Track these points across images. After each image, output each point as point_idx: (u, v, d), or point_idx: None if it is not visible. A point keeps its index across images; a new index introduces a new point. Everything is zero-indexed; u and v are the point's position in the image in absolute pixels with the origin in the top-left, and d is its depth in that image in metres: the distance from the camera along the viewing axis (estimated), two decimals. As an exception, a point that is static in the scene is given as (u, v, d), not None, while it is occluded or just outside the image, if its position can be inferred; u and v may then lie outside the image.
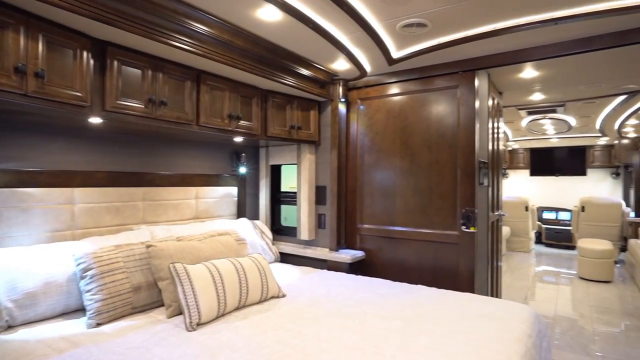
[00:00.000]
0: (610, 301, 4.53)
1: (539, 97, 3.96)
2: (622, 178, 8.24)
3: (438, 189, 2.85)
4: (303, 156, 3.23)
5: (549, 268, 6.26)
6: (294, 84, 2.74)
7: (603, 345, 3.29)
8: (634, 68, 2.89)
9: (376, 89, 3.13)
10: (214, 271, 1.96)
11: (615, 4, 1.92)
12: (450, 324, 1.83)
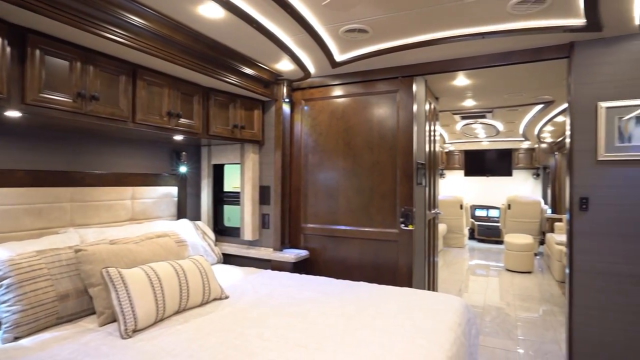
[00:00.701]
0: (531, 290, 5.00)
1: (471, 103, 4.27)
2: (542, 178, 9.13)
3: (379, 189, 2.97)
4: (247, 156, 3.20)
5: (480, 262, 6.76)
6: (237, 82, 2.71)
7: (524, 330, 3.63)
8: (548, 81, 3.23)
9: (320, 91, 3.19)
10: (151, 275, 1.88)
11: (530, 24, 2.13)
12: (388, 318, 1.92)
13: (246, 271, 2.91)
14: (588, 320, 2.29)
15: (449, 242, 7.98)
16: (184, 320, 1.88)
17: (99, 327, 1.79)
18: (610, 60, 2.23)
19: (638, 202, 2.17)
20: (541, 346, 3.30)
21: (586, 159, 2.29)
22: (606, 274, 2.24)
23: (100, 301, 1.84)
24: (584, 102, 2.30)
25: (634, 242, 2.18)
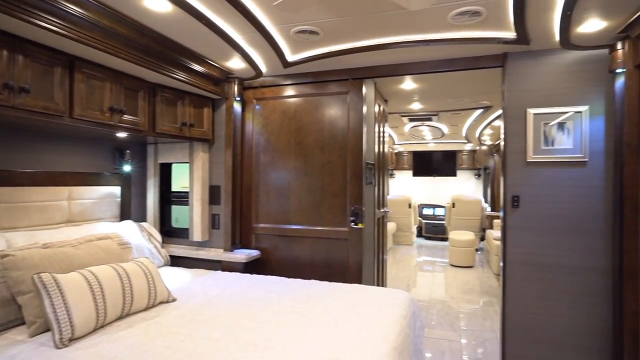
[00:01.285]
0: (472, 283, 5.33)
1: (418, 106, 4.48)
2: (482, 178, 9.75)
3: (330, 188, 3.02)
4: (196, 155, 3.12)
5: (427, 258, 7.09)
6: (186, 79, 2.63)
7: (466, 321, 3.87)
8: (487, 87, 3.47)
9: (272, 90, 3.19)
10: (91, 279, 1.78)
11: (469, 34, 2.28)
12: (338, 314, 1.97)
13: (195, 273, 2.84)
14: (517, 307, 2.49)
15: (398, 240, 8.28)
16: (127, 326, 1.80)
17: (30, 337, 1.67)
18: (537, 71, 2.45)
19: (557, 200, 2.40)
20: (480, 334, 3.54)
21: (517, 160, 2.50)
22: (531, 264, 2.46)
23: (30, 310, 1.71)
24: (516, 108, 2.50)
25: (553, 235, 2.41)
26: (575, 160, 2.36)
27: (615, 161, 2.23)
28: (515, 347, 2.49)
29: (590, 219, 2.35)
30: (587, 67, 2.34)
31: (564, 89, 2.39)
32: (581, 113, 2.34)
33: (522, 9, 1.91)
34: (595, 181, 2.33)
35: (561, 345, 2.40)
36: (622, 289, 2.14)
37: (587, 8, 1.85)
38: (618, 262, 2.19)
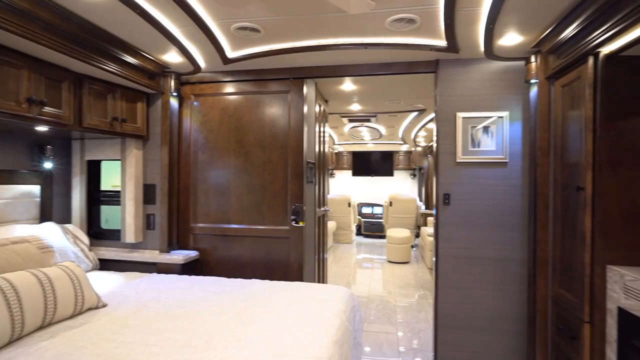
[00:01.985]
0: (408, 278, 5.61)
1: (357, 107, 4.62)
2: (417, 178, 10.30)
3: (271, 187, 3.01)
4: (129, 151, 2.94)
5: (366, 255, 7.33)
6: (117, 71, 2.47)
7: (402, 314, 4.07)
8: (421, 91, 3.68)
9: (211, 86, 3.10)
10: (5, 287, 1.60)
11: (405, 40, 2.41)
12: (279, 311, 1.98)
13: (128, 276, 2.67)
14: (447, 298, 2.68)
15: (338, 239, 8.45)
16: (50, 336, 1.65)
17: None
18: (465, 78, 2.65)
19: (482, 197, 2.62)
20: (416, 326, 3.74)
21: (448, 161, 2.69)
22: (460, 257, 2.66)
23: None
24: (447, 111, 2.69)
25: (478, 230, 2.63)
26: (498, 161, 2.60)
27: (530, 162, 2.49)
28: (446, 335, 2.68)
29: (510, 214, 2.59)
30: (508, 77, 2.59)
31: (489, 95, 2.62)
32: (503, 118, 2.58)
33: (452, 19, 2.06)
34: (515, 180, 2.58)
35: (485, 330, 2.62)
36: (535, 276, 2.40)
37: (506, 23, 2.04)
38: (532, 253, 2.45)
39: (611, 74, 1.84)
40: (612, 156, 1.84)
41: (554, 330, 2.26)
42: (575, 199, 2.02)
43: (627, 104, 1.84)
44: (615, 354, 1.74)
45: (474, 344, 2.63)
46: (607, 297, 1.80)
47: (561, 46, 2.10)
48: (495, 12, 1.91)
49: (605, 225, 1.83)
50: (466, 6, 1.91)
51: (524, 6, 1.85)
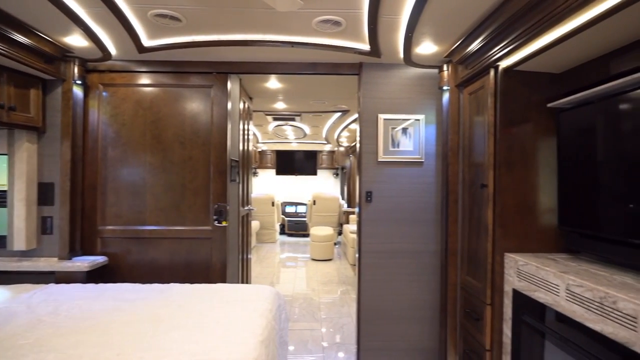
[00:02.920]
0: (332, 275, 5.75)
1: (282, 105, 4.59)
2: (340, 177, 10.63)
3: (191, 186, 2.85)
4: (18, 145, 2.55)
5: (290, 254, 7.34)
6: (4, 51, 2.12)
7: (326, 310, 4.15)
8: (345, 93, 3.79)
9: (123, 76, 2.83)
10: None
11: (331, 41, 2.45)
12: (203, 315, 1.87)
13: (17, 289, 2.30)
14: (369, 291, 2.80)
15: (261, 238, 8.35)
16: None
17: None
18: (387, 82, 2.79)
19: (401, 195, 2.79)
20: (339, 321, 3.84)
21: (371, 160, 2.80)
22: (381, 252, 2.80)
23: None
24: (369, 113, 2.80)
25: (398, 225, 2.79)
26: (415, 160, 2.78)
27: (443, 162, 2.71)
28: (368, 327, 2.79)
29: (426, 210, 2.79)
30: (424, 83, 2.78)
31: (407, 99, 2.78)
32: (419, 121, 2.77)
33: (375, 25, 2.14)
34: (429, 178, 2.79)
35: (404, 319, 2.79)
36: (447, 266, 2.62)
37: (423, 33, 2.19)
38: (444, 245, 2.66)
39: (508, 85, 2.08)
40: (508, 157, 2.08)
41: (462, 314, 2.49)
42: (480, 195, 2.25)
43: (520, 113, 2.09)
44: (510, 330, 1.97)
45: (393, 333, 2.79)
46: (504, 281, 2.03)
47: (468, 58, 2.32)
48: (413, 22, 2.04)
49: (504, 217, 2.07)
50: (388, 13, 2.01)
51: (438, 19, 2.01)
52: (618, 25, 1.47)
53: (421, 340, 2.79)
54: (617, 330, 1.29)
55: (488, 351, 2.12)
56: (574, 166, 1.90)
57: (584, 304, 1.44)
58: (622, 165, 1.61)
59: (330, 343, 3.31)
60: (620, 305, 1.27)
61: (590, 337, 1.47)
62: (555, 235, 2.07)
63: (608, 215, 1.69)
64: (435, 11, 1.92)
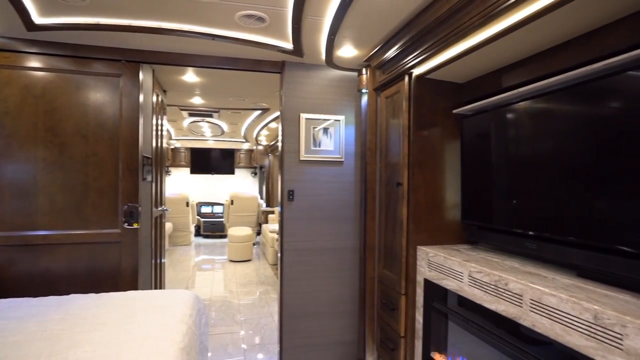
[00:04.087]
0: (250, 275, 5.65)
1: (199, 101, 4.38)
2: (259, 177, 10.49)
3: (96, 185, 2.57)
4: None
5: (206, 257, 7.04)
6: None
7: (245, 312, 4.07)
8: (266, 91, 3.75)
9: (6, 56, 2.43)
10: None
11: (254, 37, 2.41)
12: (112, 326, 1.70)
13: None
14: (291, 289, 2.81)
15: (175, 241, 7.88)
16: None
17: None
18: (309, 82, 2.83)
19: (322, 193, 2.86)
20: (259, 322, 3.79)
21: (293, 159, 2.81)
22: (302, 250, 2.83)
23: None
24: (291, 112, 2.81)
25: (319, 223, 2.85)
26: (336, 160, 2.87)
27: (361, 161, 2.84)
28: (291, 325, 2.80)
29: (346, 207, 2.90)
30: (344, 85, 2.88)
31: (328, 99, 2.86)
32: (340, 121, 2.87)
33: (299, 24, 2.16)
34: (349, 177, 2.90)
35: (325, 315, 2.86)
36: (365, 261, 2.75)
37: (345, 36, 2.27)
38: (363, 240, 2.79)
39: (420, 91, 2.26)
40: (420, 158, 2.26)
41: (379, 305, 2.64)
42: (395, 192, 2.40)
43: (430, 117, 2.29)
44: (422, 316, 2.15)
45: (315, 329, 2.84)
46: (417, 272, 2.21)
47: (386, 64, 2.46)
48: (336, 25, 2.10)
49: (416, 213, 2.24)
50: (313, 14, 2.04)
51: (359, 25, 2.10)
52: (509, 44, 1.69)
53: (342, 334, 2.89)
54: (508, 307, 1.48)
55: (403, 338, 2.28)
56: (473, 167, 2.14)
57: (483, 287, 1.63)
58: (508, 167, 1.86)
59: (250, 345, 3.25)
60: (511, 286, 1.46)
61: (486, 316, 1.67)
62: (459, 228, 2.30)
63: (498, 209, 1.93)
64: (357, 17, 2.00)
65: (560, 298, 1.25)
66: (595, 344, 1.12)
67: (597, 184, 1.38)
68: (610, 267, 1.33)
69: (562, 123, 1.55)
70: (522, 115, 1.77)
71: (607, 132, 1.35)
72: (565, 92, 1.53)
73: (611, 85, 1.34)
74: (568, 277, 1.47)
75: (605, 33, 1.46)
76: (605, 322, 1.09)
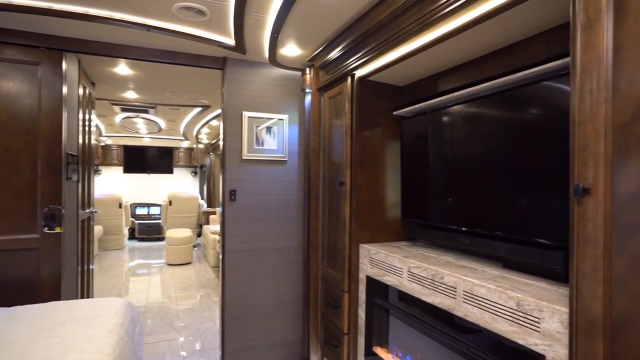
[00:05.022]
0: (191, 279, 5.42)
1: (133, 95, 4.10)
2: (199, 176, 10.10)
3: (9, 185, 2.30)
4: None
5: (141, 261, 6.62)
6: None
7: (185, 317, 3.89)
8: (207, 87, 3.61)
9: None
10: None
11: (193, 31, 2.30)
12: (26, 343, 1.52)
13: None
14: (234, 291, 2.74)
15: (106, 245, 7.33)
16: None
17: None
18: (252, 80, 2.77)
19: (265, 192, 2.82)
20: (200, 327, 3.64)
21: (235, 158, 2.74)
22: (245, 250, 2.77)
23: None
24: (233, 110, 2.73)
25: (262, 223, 2.81)
26: (279, 159, 2.84)
27: (305, 161, 2.84)
28: (233, 328, 2.73)
29: (289, 207, 2.88)
30: (288, 84, 2.86)
31: (272, 98, 2.82)
32: (283, 120, 2.84)
33: (241, 20, 2.10)
34: (293, 176, 2.89)
35: (269, 316, 2.82)
36: (309, 260, 2.76)
37: (288, 35, 2.25)
38: (307, 240, 2.80)
39: (363, 93, 2.31)
40: (363, 158, 2.32)
41: (323, 304, 2.66)
42: (338, 192, 2.44)
43: (372, 118, 2.35)
44: (364, 312, 2.20)
45: (258, 331, 2.79)
46: (359, 269, 2.26)
47: (329, 64, 2.49)
48: (279, 23, 2.08)
49: (359, 212, 2.29)
50: (255, 11, 2.00)
51: (302, 24, 2.09)
52: (444, 51, 1.79)
53: (286, 334, 2.87)
54: (443, 299, 1.56)
55: (346, 334, 2.32)
56: (412, 167, 2.23)
57: (421, 281, 1.71)
58: (443, 167, 1.97)
59: (190, 352, 3.11)
60: (446, 280, 1.55)
61: (424, 309, 1.75)
62: (400, 226, 2.39)
63: (435, 207, 2.04)
64: (300, 16, 2.00)
65: (488, 288, 1.34)
66: (518, 329, 1.22)
67: (520, 183, 1.51)
68: (530, 258, 1.46)
69: (489, 127, 1.67)
70: (455, 118, 1.89)
71: (527, 136, 1.48)
72: (492, 98, 1.65)
73: (530, 93, 1.47)
74: (496, 268, 1.59)
75: (527, 45, 1.60)
76: (526, 308, 1.19)
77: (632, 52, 0.89)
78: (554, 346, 1.10)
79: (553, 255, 1.37)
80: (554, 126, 1.36)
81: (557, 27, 1.46)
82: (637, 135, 0.88)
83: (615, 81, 0.92)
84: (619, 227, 0.91)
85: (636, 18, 0.89)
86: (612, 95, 0.93)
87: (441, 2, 1.47)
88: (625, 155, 0.90)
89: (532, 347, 1.17)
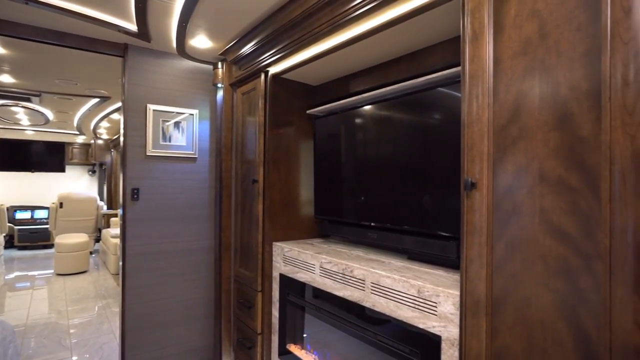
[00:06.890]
0: (86, 289, 4.85)
1: (10, 80, 3.53)
2: (98, 175, 9.12)
3: None
4: None
5: (23, 273, 5.75)
6: None
7: (79, 333, 3.46)
8: (106, 76, 3.27)
9: None
10: None
11: (86, 11, 2.06)
12: None
13: None
14: (136, 299, 2.52)
15: (-24, 256, 6.21)
16: None
17: None
18: (158, 70, 2.57)
19: (173, 191, 2.65)
20: (96, 341, 3.28)
21: (138, 154, 2.52)
22: (149, 254, 2.57)
23: None
24: (136, 102, 2.51)
25: (169, 223, 2.64)
26: (188, 156, 2.69)
27: (216, 158, 2.73)
28: (135, 338, 2.50)
29: (200, 206, 2.74)
30: (199, 77, 2.72)
31: (181, 92, 2.66)
32: (193, 115, 2.69)
33: (144, 4, 1.94)
34: (203, 174, 2.75)
35: (176, 322, 2.65)
36: (221, 261, 2.66)
37: (198, 26, 2.14)
38: (218, 240, 2.69)
39: (276, 90, 2.30)
40: (276, 156, 2.31)
41: (236, 305, 2.58)
42: (251, 189, 2.39)
43: (286, 116, 2.35)
44: (277, 311, 2.19)
45: (166, 339, 2.61)
46: (273, 267, 2.24)
47: (242, 59, 2.42)
48: (188, 12, 1.96)
49: (272, 210, 2.27)
50: (160, -6, 1.86)
51: (213, 15, 2.01)
52: (355, 54, 1.86)
53: (196, 340, 2.73)
54: (353, 292, 1.63)
55: (259, 334, 2.28)
56: (325, 165, 2.29)
57: (332, 276, 1.75)
58: (354, 165, 2.05)
59: (85, 370, 2.79)
60: (355, 273, 1.62)
61: (337, 303, 1.81)
62: (313, 223, 2.43)
63: (347, 204, 2.12)
64: (211, 6, 1.91)
65: (393, 279, 1.43)
66: (419, 314, 1.32)
67: (423, 181, 1.64)
68: (431, 249, 1.59)
69: (396, 128, 1.78)
70: (365, 119, 1.98)
71: (428, 137, 1.62)
72: (397, 100, 1.77)
73: (430, 97, 1.60)
74: (401, 260, 1.71)
75: (427, 54, 1.75)
76: (425, 295, 1.30)
77: (507, 64, 1.02)
78: (448, 326, 1.21)
79: (449, 245, 1.51)
80: (451, 129, 1.50)
81: (453, 39, 1.62)
82: (512, 137, 1.02)
83: (495, 88, 1.05)
84: (499, 216, 1.04)
85: (510, 35, 1.02)
86: (493, 100, 1.05)
87: (351, 5, 1.53)
88: (503, 154, 1.03)
89: (431, 330, 1.27)
